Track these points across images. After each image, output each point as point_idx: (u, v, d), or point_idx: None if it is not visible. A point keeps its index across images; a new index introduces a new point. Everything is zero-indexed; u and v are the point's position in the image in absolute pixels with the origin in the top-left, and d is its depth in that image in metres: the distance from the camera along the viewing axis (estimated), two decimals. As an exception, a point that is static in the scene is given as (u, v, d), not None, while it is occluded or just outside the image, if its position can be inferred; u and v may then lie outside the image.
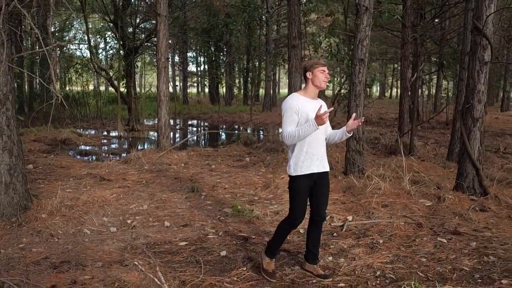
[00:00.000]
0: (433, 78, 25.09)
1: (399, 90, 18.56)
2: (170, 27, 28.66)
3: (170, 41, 35.61)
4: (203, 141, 14.58)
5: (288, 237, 4.51)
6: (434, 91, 26.74)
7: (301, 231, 4.73)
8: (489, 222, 4.96)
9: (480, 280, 3.55)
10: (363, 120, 3.47)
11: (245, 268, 3.72)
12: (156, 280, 3.19)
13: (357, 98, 6.83)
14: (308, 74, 3.39)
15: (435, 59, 19.87)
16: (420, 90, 18.48)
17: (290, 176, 3.43)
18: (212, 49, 30.23)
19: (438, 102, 23.38)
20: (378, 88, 53.27)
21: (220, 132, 17.12)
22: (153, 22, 22.61)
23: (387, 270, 3.72)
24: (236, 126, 18.67)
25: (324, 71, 3.38)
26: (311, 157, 3.37)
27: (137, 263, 3.62)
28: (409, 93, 10.73)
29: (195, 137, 15.50)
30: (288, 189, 3.48)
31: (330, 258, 3.97)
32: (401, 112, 10.98)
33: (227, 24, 16.22)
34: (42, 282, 3.34)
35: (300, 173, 3.35)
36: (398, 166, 7.23)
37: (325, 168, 3.48)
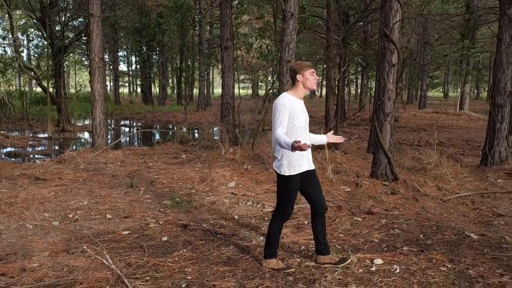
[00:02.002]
0: (358, 77, 26.71)
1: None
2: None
3: (99, 40, 34.67)
4: (138, 141, 14.61)
5: (223, 222, 4.98)
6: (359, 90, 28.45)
7: (236, 217, 5.20)
8: (397, 203, 5.74)
9: (386, 248, 4.21)
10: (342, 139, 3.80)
11: (185, 250, 4.11)
12: (105, 261, 3.49)
13: (285, 97, 7.41)
14: (299, 77, 3.47)
15: (360, 60, 21.29)
16: (345, 89, 19.74)
17: (282, 175, 3.51)
18: (144, 48, 29.90)
19: (363, 100, 24.93)
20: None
21: (155, 132, 17.16)
22: (81, 20, 22.06)
23: (310, 245, 4.28)
24: (171, 126, 18.79)
25: (314, 72, 3.50)
26: (302, 157, 3.51)
27: (86, 247, 3.88)
28: (336, 91, 11.58)
29: (128, 138, 15.46)
30: (279, 188, 3.60)
31: (261, 238, 4.47)
32: (327, 110, 11.83)
33: (160, 24, 16.30)
34: (-10, 272, 3.51)
35: (294, 173, 3.47)
36: (323, 158, 7.93)
37: (312, 166, 3.66)
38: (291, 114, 3.41)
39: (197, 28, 23.57)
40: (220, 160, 8.79)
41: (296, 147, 3.13)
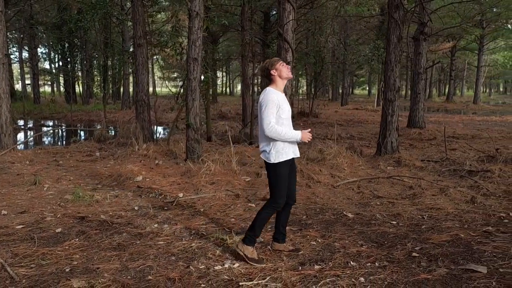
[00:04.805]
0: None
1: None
2: (14, 20, 26.52)
3: (16, 35, 32.81)
4: (60, 141, 14.18)
5: (122, 213, 5.16)
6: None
7: (136, 208, 5.39)
8: (291, 190, 6.21)
9: (270, 229, 4.62)
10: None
11: (77, 239, 4.26)
12: (-13, 252, 3.56)
13: (193, 93, 7.69)
14: (273, 72, 3.64)
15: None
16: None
17: (271, 163, 3.60)
18: (66, 45, 28.78)
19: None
20: (241, 86, 55.96)
21: (77, 130, 16.70)
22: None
23: (201, 229, 4.60)
24: (98, 125, 18.34)
25: (283, 63, 3.70)
26: (288, 145, 3.63)
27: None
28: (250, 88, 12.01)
29: (49, 138, 14.94)
30: (270, 177, 3.66)
31: (156, 225, 4.72)
32: (244, 106, 12.24)
33: (79, 21, 15.86)
34: None
35: (282, 160, 3.57)
36: (236, 152, 8.31)
37: (297, 154, 3.76)
38: (278, 108, 3.54)
39: (120, 26, 23.11)
40: (133, 156, 8.88)
41: (305, 133, 3.58)
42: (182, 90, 9.58)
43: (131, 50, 23.05)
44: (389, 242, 4.22)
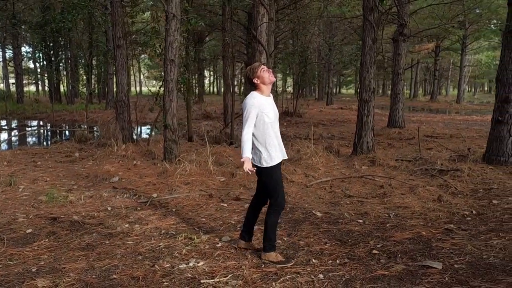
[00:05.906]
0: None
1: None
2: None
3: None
4: (41, 142, 14.13)
5: (94, 214, 5.22)
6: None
7: (109, 208, 5.46)
8: (265, 189, 6.33)
9: (239, 228, 4.73)
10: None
11: (47, 240, 4.32)
12: (-47, 253, 3.61)
13: (170, 94, 7.76)
14: (255, 80, 3.67)
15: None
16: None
17: (265, 168, 3.65)
18: (50, 44, 28.55)
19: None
20: (223, 86, 55.97)
21: (58, 130, 16.63)
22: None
23: (171, 229, 4.69)
24: (84, 126, 18.27)
25: (264, 67, 3.70)
26: (277, 147, 3.72)
27: None
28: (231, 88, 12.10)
29: (34, 139, 14.87)
30: (266, 182, 3.72)
31: (127, 225, 4.79)
32: (225, 107, 12.33)
33: (61, 20, 15.77)
34: None
35: (275, 163, 3.66)
36: (214, 152, 8.40)
37: (285, 156, 3.84)
38: (260, 112, 3.58)
39: (104, 26, 22.99)
40: (112, 157, 8.91)
41: (243, 163, 3.48)
42: (161, 90, 9.62)
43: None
44: (353, 240, 4.35)
